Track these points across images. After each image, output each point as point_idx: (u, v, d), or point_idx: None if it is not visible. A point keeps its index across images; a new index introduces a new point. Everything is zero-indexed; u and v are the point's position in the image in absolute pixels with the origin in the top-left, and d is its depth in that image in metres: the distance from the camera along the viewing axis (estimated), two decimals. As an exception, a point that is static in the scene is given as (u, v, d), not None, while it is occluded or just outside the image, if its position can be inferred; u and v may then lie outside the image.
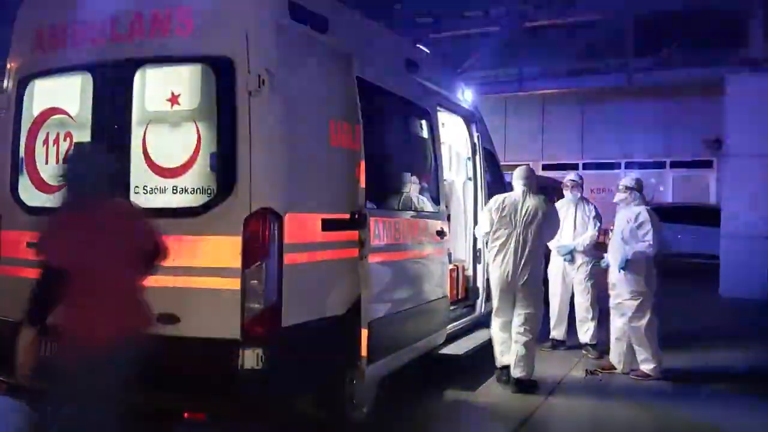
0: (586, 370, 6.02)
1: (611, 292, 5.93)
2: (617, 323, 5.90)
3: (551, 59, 14.10)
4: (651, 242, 5.66)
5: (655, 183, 17.88)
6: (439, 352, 5.48)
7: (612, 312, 5.95)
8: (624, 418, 5.02)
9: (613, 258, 5.85)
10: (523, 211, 5.42)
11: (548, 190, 8.43)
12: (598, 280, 6.66)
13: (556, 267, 6.84)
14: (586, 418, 5.00)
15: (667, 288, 7.38)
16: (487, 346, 6.09)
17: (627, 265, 5.71)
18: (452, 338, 5.74)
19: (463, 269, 6.43)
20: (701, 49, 12.79)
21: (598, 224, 6.73)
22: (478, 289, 6.42)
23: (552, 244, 6.69)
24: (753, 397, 5.46)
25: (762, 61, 11.60)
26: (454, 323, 5.85)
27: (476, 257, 6.44)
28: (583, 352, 6.67)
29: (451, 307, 5.87)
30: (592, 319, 6.69)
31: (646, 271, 5.74)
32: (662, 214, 8.99)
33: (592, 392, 5.55)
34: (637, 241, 5.71)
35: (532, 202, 5.47)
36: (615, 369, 5.95)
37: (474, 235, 6.39)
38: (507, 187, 7.26)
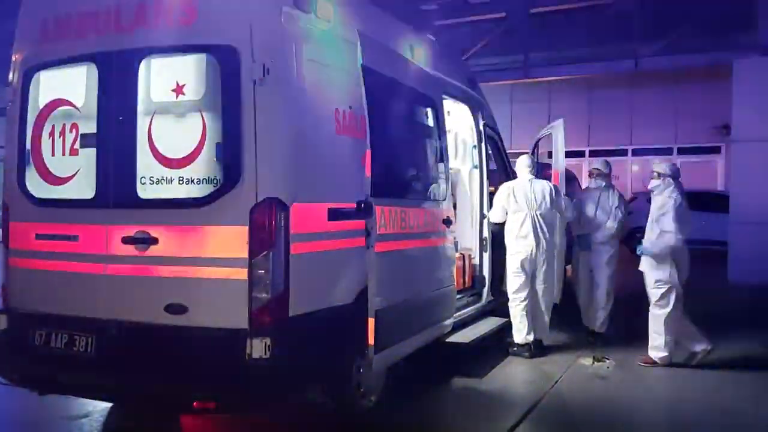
0: (594, 357, 6.02)
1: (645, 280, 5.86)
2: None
3: (558, 46, 13.96)
4: (672, 231, 5.53)
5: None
6: (446, 340, 5.50)
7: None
8: (630, 404, 5.02)
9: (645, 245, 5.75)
10: (533, 195, 6.10)
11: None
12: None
13: (591, 255, 6.62)
14: (592, 404, 5.00)
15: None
16: (494, 334, 6.11)
17: (650, 253, 5.64)
18: (459, 326, 5.75)
19: (470, 258, 6.43)
20: (709, 33, 12.62)
21: (620, 214, 6.50)
22: (484, 277, 6.42)
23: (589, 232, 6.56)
24: (761, 383, 5.46)
25: (770, 45, 11.44)
26: (461, 311, 5.86)
27: (482, 246, 6.43)
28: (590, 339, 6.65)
29: (458, 296, 5.88)
30: (603, 308, 6.59)
31: (672, 260, 5.62)
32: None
33: (599, 379, 5.56)
34: (661, 230, 5.62)
35: (538, 186, 6.16)
36: (656, 363, 5.75)
37: (480, 222, 6.40)
38: (513, 175, 7.27)
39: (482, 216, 6.44)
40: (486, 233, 6.42)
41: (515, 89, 17.64)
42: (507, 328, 6.26)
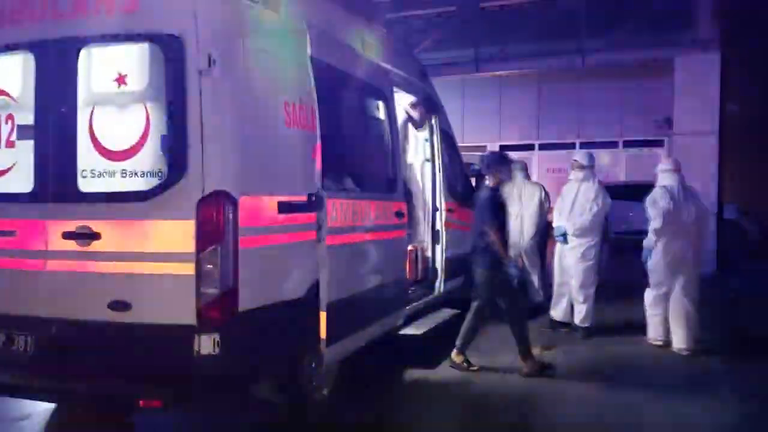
0: (541, 346, 6.15)
1: None
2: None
3: (507, 41, 14.14)
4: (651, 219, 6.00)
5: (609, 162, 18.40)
6: (399, 332, 5.53)
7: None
8: (576, 391, 5.15)
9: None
10: (525, 195, 7.51)
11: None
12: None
13: (570, 248, 6.66)
14: (538, 392, 5.11)
15: (620, 264, 7.52)
16: (446, 326, 6.17)
17: (649, 246, 6.13)
18: (412, 318, 5.78)
19: (423, 250, 6.46)
20: (652, 30, 13.01)
21: (595, 208, 6.49)
22: (437, 269, 6.47)
23: (563, 225, 6.67)
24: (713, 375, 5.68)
25: (709, 42, 11.89)
26: (414, 303, 5.90)
27: (435, 238, 6.47)
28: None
29: (411, 288, 5.91)
30: (582, 302, 6.61)
31: (655, 247, 6.04)
32: (616, 192, 9.18)
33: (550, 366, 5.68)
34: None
35: (530, 186, 7.68)
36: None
37: (433, 215, 6.45)
38: (465, 169, 7.43)
39: (435, 209, 6.49)
40: (439, 226, 6.47)
41: (466, 84, 17.79)
42: (459, 318, 6.32)
